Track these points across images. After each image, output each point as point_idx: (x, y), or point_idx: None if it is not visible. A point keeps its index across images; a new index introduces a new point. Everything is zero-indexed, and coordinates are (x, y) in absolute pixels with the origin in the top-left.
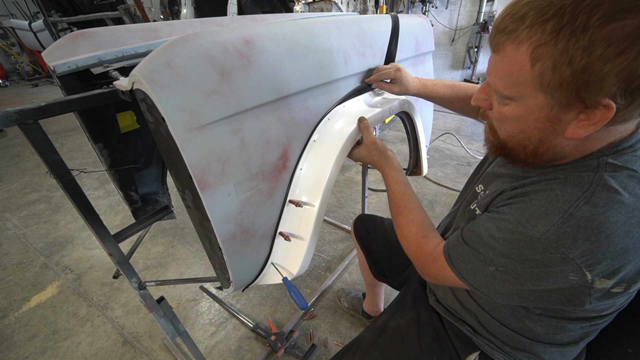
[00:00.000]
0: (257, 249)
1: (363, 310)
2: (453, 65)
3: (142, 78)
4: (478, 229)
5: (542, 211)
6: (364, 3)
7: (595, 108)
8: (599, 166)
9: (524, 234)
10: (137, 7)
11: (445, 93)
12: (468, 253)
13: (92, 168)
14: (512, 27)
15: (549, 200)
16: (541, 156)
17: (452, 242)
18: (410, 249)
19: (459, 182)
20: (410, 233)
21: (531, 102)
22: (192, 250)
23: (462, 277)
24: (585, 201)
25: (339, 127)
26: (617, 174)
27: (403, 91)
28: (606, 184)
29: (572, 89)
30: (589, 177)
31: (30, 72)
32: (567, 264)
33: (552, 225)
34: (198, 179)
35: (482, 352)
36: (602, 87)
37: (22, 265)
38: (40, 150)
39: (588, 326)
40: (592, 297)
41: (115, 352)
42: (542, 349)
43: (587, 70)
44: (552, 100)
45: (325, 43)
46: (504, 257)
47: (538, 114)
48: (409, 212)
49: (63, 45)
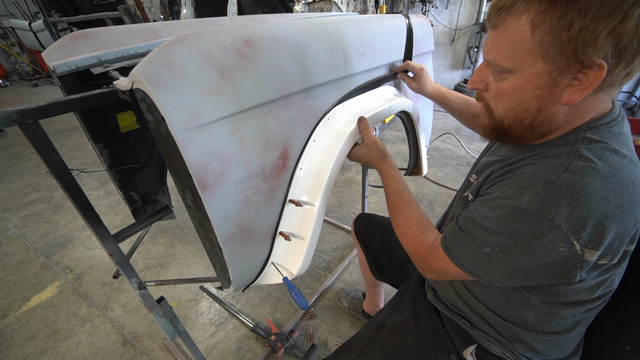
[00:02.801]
0: (257, 248)
1: (363, 310)
2: (453, 65)
3: (142, 78)
4: (471, 213)
5: (527, 182)
6: (364, 3)
7: (590, 68)
8: (577, 140)
9: (512, 206)
10: (137, 7)
11: (457, 103)
12: (464, 239)
13: (92, 168)
14: (511, 3)
15: (532, 173)
16: (537, 128)
17: (449, 232)
18: (411, 246)
19: (459, 182)
20: (410, 230)
21: (530, 70)
22: (192, 250)
23: (460, 264)
24: (564, 169)
25: (338, 126)
26: (592, 146)
27: (419, 89)
28: (581, 155)
29: (570, 51)
30: (566, 150)
31: (30, 72)
32: (555, 232)
33: (536, 194)
34: (198, 178)
35: (479, 345)
36: (596, 46)
37: (22, 265)
38: (40, 150)
39: (580, 313)
40: (583, 270)
41: (115, 352)
42: (535, 338)
43: (583, 31)
44: (551, 65)
45: (324, 43)
46: (497, 235)
47: (537, 81)
48: (408, 210)
49: (63, 45)
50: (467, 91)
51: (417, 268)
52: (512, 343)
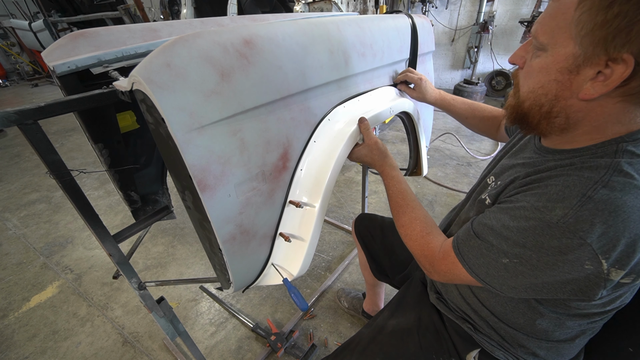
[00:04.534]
0: (257, 249)
1: (363, 310)
2: (453, 65)
3: (141, 78)
4: (490, 221)
5: (560, 195)
6: (364, 3)
7: (616, 63)
8: (617, 152)
9: (541, 219)
10: (137, 7)
11: (463, 109)
12: (480, 246)
13: (92, 168)
14: None
15: (566, 185)
16: (554, 119)
17: (462, 236)
18: (416, 247)
19: (459, 182)
20: (414, 231)
21: (560, 50)
22: (192, 250)
23: (473, 272)
24: (603, 185)
25: (339, 127)
26: (634, 160)
27: (420, 98)
28: (622, 170)
29: (600, 37)
30: (605, 163)
31: (30, 72)
32: (584, 250)
33: (571, 209)
34: (198, 179)
35: (483, 350)
36: (629, 38)
37: (22, 265)
38: (40, 151)
39: (586, 324)
40: (606, 288)
41: (115, 352)
42: (539, 345)
43: (621, 16)
44: (579, 49)
45: (325, 43)
46: (518, 247)
47: (563, 63)
48: (411, 211)
49: (63, 45)
50: (467, 91)
51: (422, 269)
52: (514, 347)
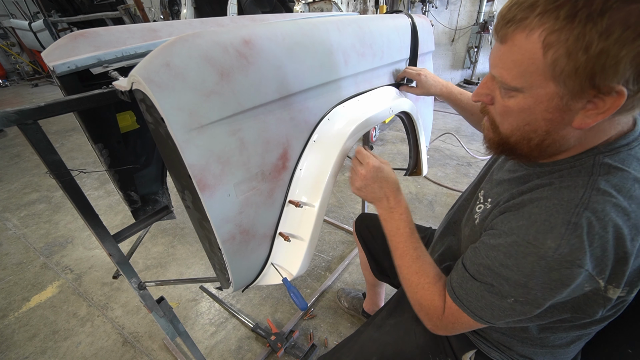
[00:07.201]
0: (256, 249)
1: (363, 310)
2: (453, 65)
3: (141, 78)
4: (484, 260)
5: (547, 225)
6: (364, 3)
7: (608, 95)
8: (594, 166)
9: (536, 254)
10: (137, 7)
11: (470, 104)
12: (480, 288)
13: (92, 168)
14: (522, 16)
15: (549, 213)
16: (546, 149)
17: (456, 280)
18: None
19: (459, 182)
20: (428, 290)
21: (540, 92)
22: (192, 250)
23: (476, 315)
24: (584, 207)
25: (339, 127)
26: (611, 176)
27: (425, 92)
28: (600, 189)
29: (586, 75)
30: (583, 182)
31: (30, 72)
32: (583, 276)
33: (562, 239)
34: (197, 179)
35: (479, 351)
36: (617, 71)
37: (22, 265)
38: (40, 151)
39: (582, 331)
40: (606, 308)
41: (115, 352)
42: (534, 351)
43: (603, 55)
44: (563, 89)
45: (324, 43)
46: (520, 287)
47: (547, 104)
48: (420, 265)
49: (63, 46)
50: (467, 91)
51: (425, 324)
52: (511, 351)
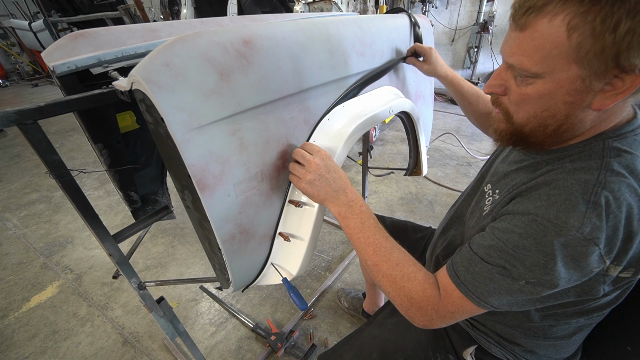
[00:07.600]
0: (256, 249)
1: (363, 310)
2: (453, 65)
3: (141, 78)
4: (496, 242)
5: (567, 204)
6: (364, 3)
7: (630, 73)
8: (604, 150)
9: (558, 233)
10: (137, 7)
11: (470, 93)
12: (491, 271)
13: (92, 168)
14: (543, 2)
15: (568, 192)
16: (561, 135)
17: (461, 264)
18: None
19: (459, 182)
20: (416, 280)
21: (562, 75)
22: (192, 250)
23: (481, 300)
24: (602, 187)
25: (339, 127)
26: (622, 159)
27: (432, 70)
28: (614, 170)
29: (613, 55)
30: (596, 164)
31: (30, 72)
32: (595, 255)
33: (584, 217)
34: (197, 179)
35: (480, 346)
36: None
37: (22, 265)
38: (40, 151)
39: (583, 320)
40: (606, 284)
41: (115, 352)
42: (536, 343)
43: (630, 33)
44: (588, 70)
45: (325, 43)
46: (538, 268)
47: (569, 87)
48: (398, 252)
49: (62, 46)
50: None
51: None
52: (511, 345)
